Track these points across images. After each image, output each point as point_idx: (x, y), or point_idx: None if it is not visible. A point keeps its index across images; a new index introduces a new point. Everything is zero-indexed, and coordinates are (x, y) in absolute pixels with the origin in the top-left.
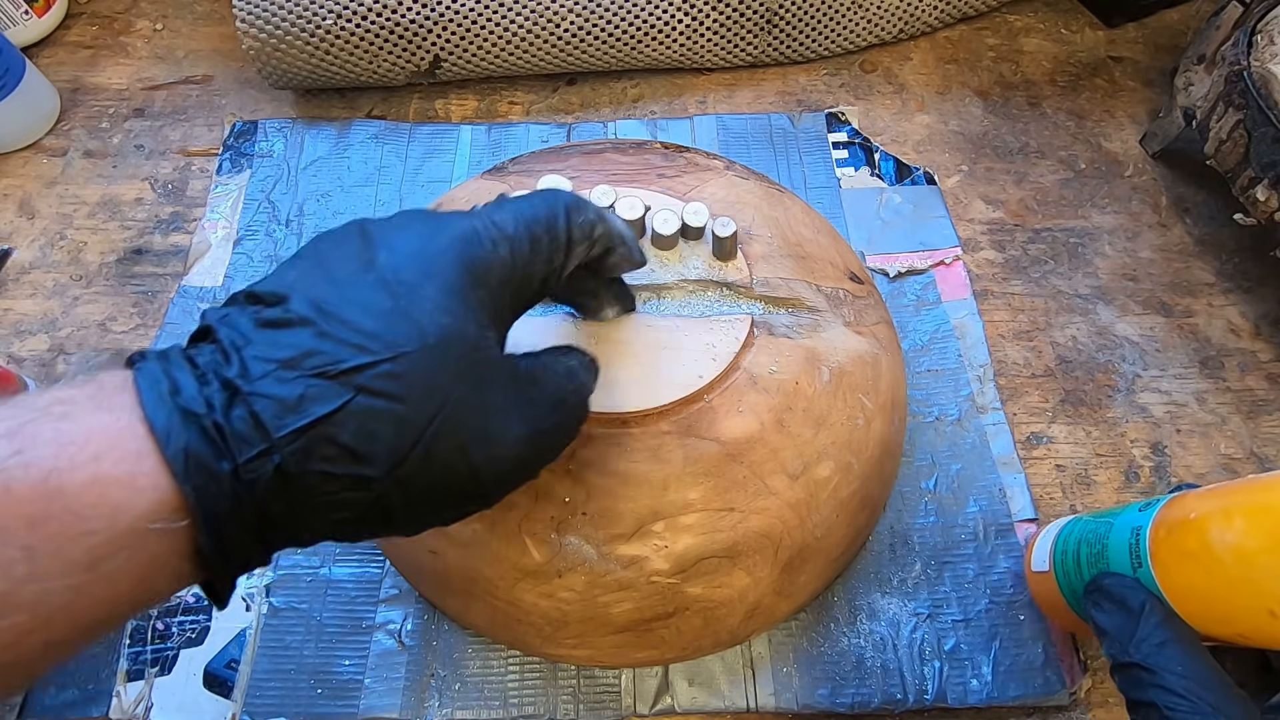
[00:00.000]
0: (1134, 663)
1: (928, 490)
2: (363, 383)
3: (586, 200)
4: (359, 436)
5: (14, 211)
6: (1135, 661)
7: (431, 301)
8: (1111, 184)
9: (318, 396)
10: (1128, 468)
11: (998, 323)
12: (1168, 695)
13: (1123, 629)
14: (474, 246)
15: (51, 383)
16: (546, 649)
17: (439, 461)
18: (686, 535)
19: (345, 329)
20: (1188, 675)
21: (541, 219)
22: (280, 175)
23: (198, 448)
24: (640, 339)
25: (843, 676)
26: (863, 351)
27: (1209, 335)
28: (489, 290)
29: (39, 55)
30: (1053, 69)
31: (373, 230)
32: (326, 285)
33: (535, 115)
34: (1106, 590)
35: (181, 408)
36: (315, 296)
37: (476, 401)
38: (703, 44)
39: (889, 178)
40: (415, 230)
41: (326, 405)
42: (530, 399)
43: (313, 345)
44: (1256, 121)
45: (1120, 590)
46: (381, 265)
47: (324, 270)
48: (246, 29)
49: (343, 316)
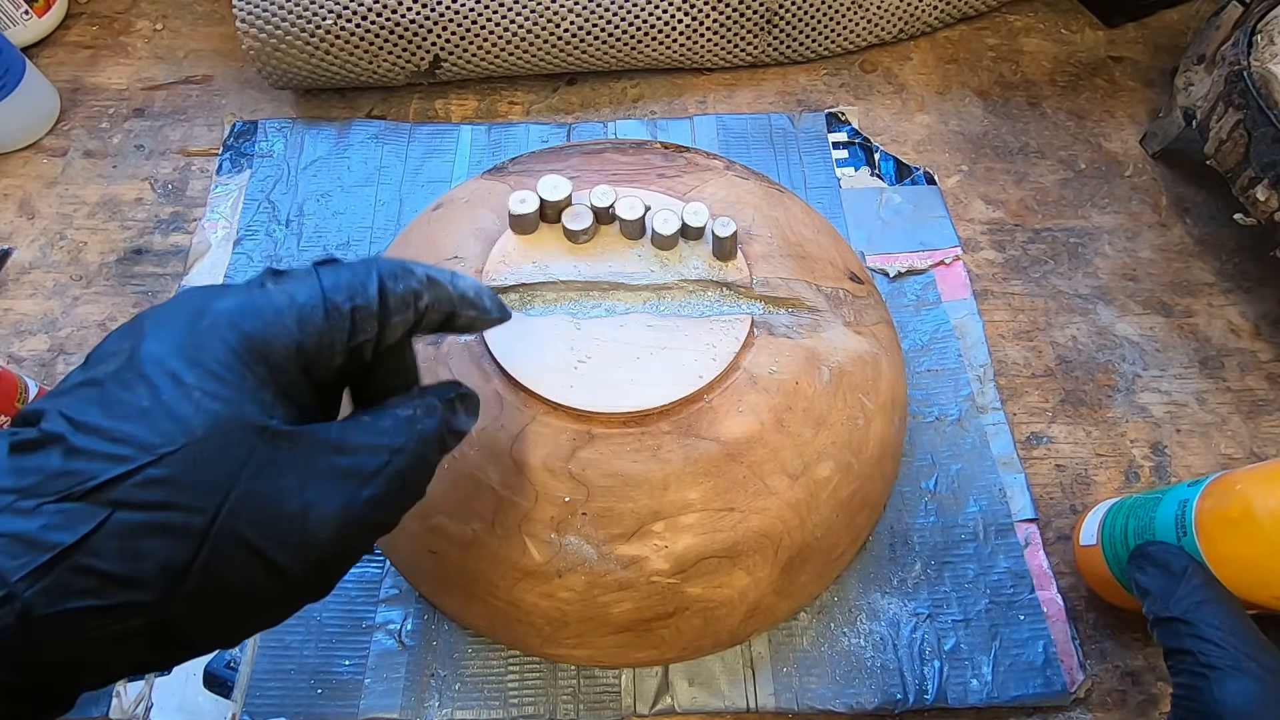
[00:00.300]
0: (1173, 617)
1: (928, 490)
2: (120, 497)
3: (412, 266)
4: (122, 558)
5: (14, 211)
6: (1174, 616)
7: (198, 389)
8: (1111, 184)
9: (63, 524)
10: (1128, 468)
11: (998, 323)
12: (1203, 644)
13: (1164, 589)
14: (250, 320)
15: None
16: (546, 649)
17: (230, 565)
18: (686, 535)
19: (97, 438)
20: (1223, 628)
21: (343, 286)
22: (280, 175)
23: None
24: (640, 339)
25: (843, 676)
26: (863, 351)
27: (1209, 335)
28: (270, 366)
29: (39, 55)
30: (1053, 69)
31: (144, 319)
32: (83, 392)
33: (535, 115)
34: (1150, 555)
35: None
36: (68, 408)
37: (266, 489)
38: (703, 44)
39: (889, 178)
40: (183, 311)
41: (75, 531)
42: (345, 469)
43: (59, 465)
44: (1256, 121)
45: (1164, 555)
46: (141, 358)
47: (85, 374)
48: (246, 29)
49: (94, 424)
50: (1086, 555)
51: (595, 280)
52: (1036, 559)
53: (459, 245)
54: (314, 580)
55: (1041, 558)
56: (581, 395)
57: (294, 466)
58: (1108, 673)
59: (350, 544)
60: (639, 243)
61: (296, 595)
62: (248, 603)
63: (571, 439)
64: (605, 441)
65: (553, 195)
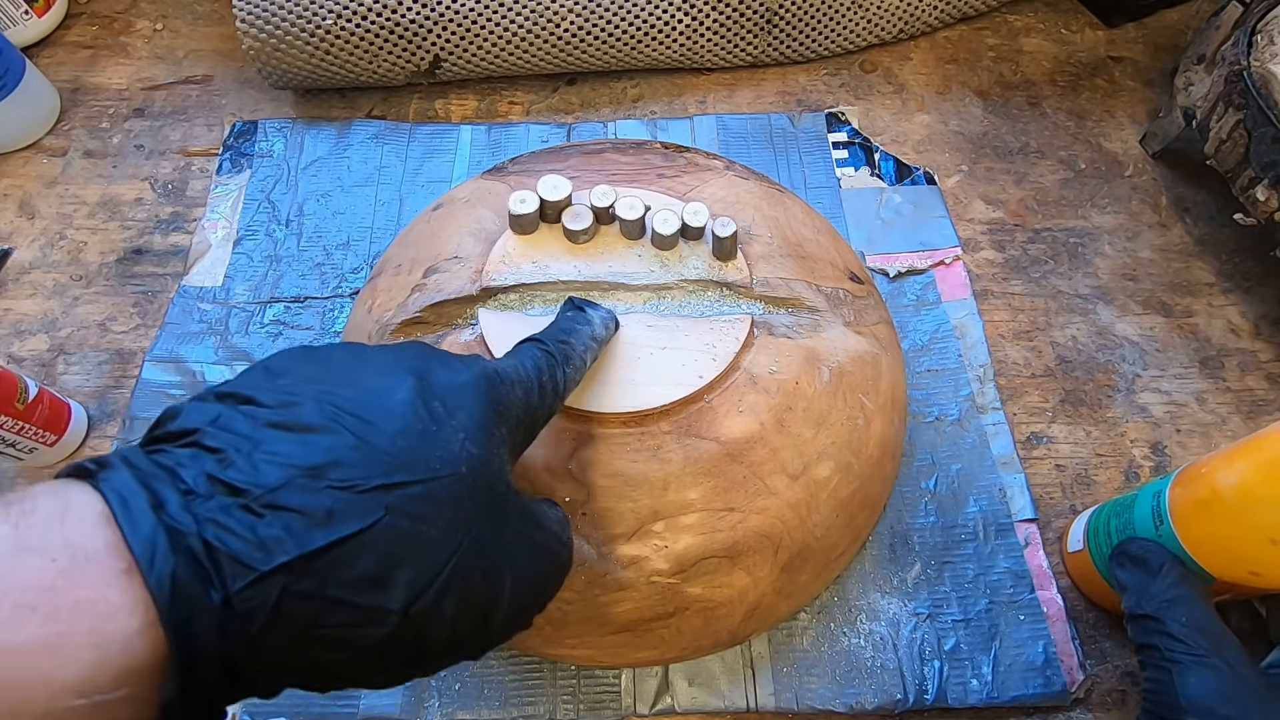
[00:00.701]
0: (1145, 614)
1: (928, 490)
2: (393, 503)
3: (574, 343)
4: (383, 562)
5: (14, 211)
6: (1146, 613)
7: (464, 431)
8: (1111, 184)
9: (347, 512)
10: (1128, 468)
11: (998, 323)
12: (1168, 640)
13: (1141, 585)
14: (499, 386)
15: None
16: (546, 649)
17: (454, 598)
18: (686, 535)
19: (375, 442)
20: (1188, 624)
21: (546, 368)
22: (280, 175)
23: (185, 574)
24: (640, 339)
25: (843, 676)
26: (863, 351)
27: (1209, 335)
28: (509, 428)
29: (39, 55)
30: (1053, 69)
31: (379, 356)
32: (343, 398)
33: (535, 115)
34: (1129, 552)
35: (167, 525)
36: (332, 404)
37: (495, 538)
38: (703, 44)
39: (889, 178)
40: (434, 361)
41: (357, 522)
42: (535, 541)
43: (342, 455)
44: (1256, 121)
45: (1143, 552)
46: (408, 388)
47: (329, 383)
48: (246, 29)
49: (371, 430)
50: (1075, 561)
51: (595, 280)
52: (1036, 559)
53: (459, 245)
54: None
55: (1041, 558)
56: (581, 395)
57: (513, 524)
58: (1108, 673)
59: (529, 608)
60: (639, 243)
61: (474, 645)
62: (448, 639)
63: (571, 439)
64: (605, 441)
65: (553, 195)
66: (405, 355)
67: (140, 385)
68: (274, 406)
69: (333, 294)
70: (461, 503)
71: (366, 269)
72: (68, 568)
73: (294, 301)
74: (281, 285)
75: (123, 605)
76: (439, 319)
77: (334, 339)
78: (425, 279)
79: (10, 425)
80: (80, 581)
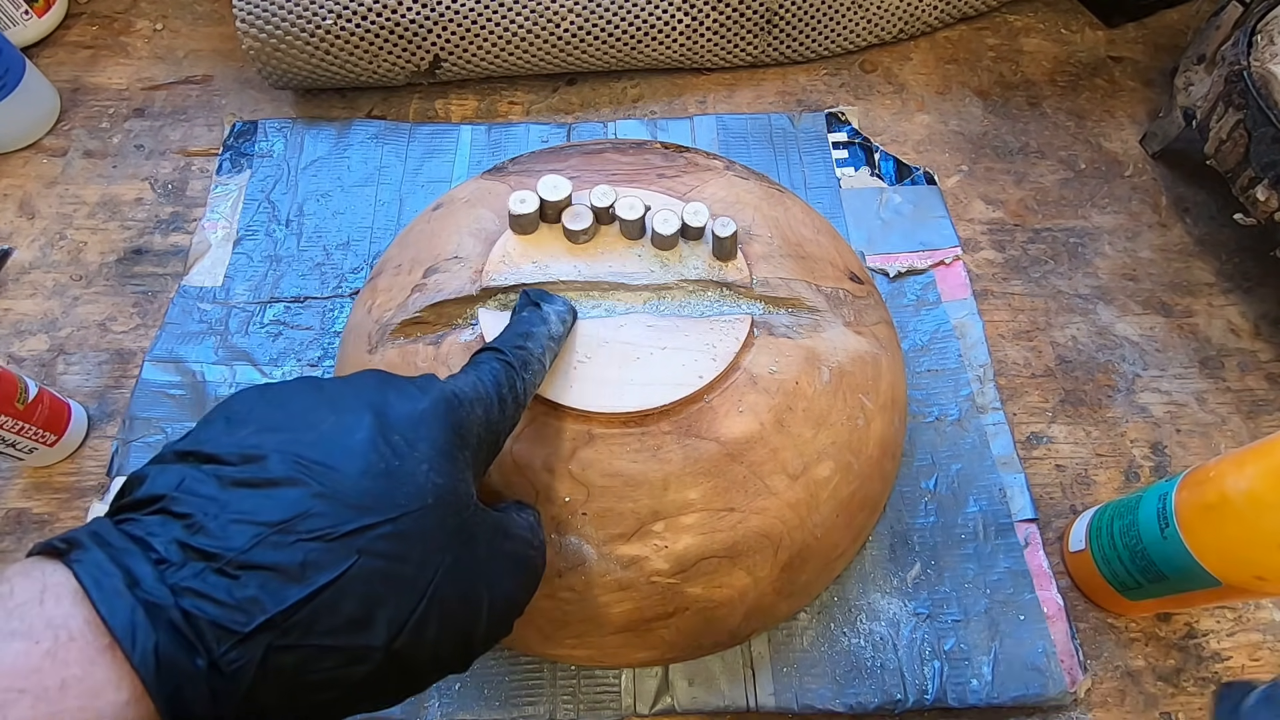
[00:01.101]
0: None
1: (928, 490)
2: (365, 545)
3: (531, 349)
4: (363, 604)
5: (14, 211)
6: None
7: (428, 461)
8: (1111, 184)
9: (321, 562)
10: (1128, 468)
11: (998, 323)
12: None
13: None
14: (459, 408)
15: None
16: (546, 649)
17: (435, 625)
18: (686, 535)
19: (340, 488)
20: None
21: (505, 380)
22: (280, 175)
23: (168, 646)
24: (640, 339)
25: (842, 676)
26: (863, 351)
27: (1209, 335)
28: (472, 450)
29: (39, 55)
30: (1053, 69)
31: (339, 390)
32: (305, 445)
33: (535, 115)
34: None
35: (144, 601)
36: (295, 455)
37: (468, 560)
38: (703, 44)
39: (889, 178)
40: (393, 391)
41: (331, 571)
42: (508, 553)
43: (308, 506)
44: (1256, 121)
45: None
46: (367, 425)
47: (291, 430)
48: (246, 29)
49: (335, 476)
50: (1077, 561)
51: (595, 280)
52: (1036, 559)
53: (459, 245)
54: (476, 650)
55: (1041, 558)
56: (581, 395)
57: (484, 543)
58: (1108, 673)
59: (508, 619)
60: (639, 243)
61: (458, 663)
62: (431, 662)
63: (571, 439)
64: (605, 441)
65: (553, 195)
66: (363, 389)
67: (140, 385)
68: (237, 463)
69: (333, 294)
70: (432, 533)
71: (366, 269)
72: (52, 648)
73: (294, 301)
74: (281, 285)
75: (109, 680)
76: (439, 319)
77: (334, 339)
78: (425, 279)
79: (10, 425)
80: (66, 660)
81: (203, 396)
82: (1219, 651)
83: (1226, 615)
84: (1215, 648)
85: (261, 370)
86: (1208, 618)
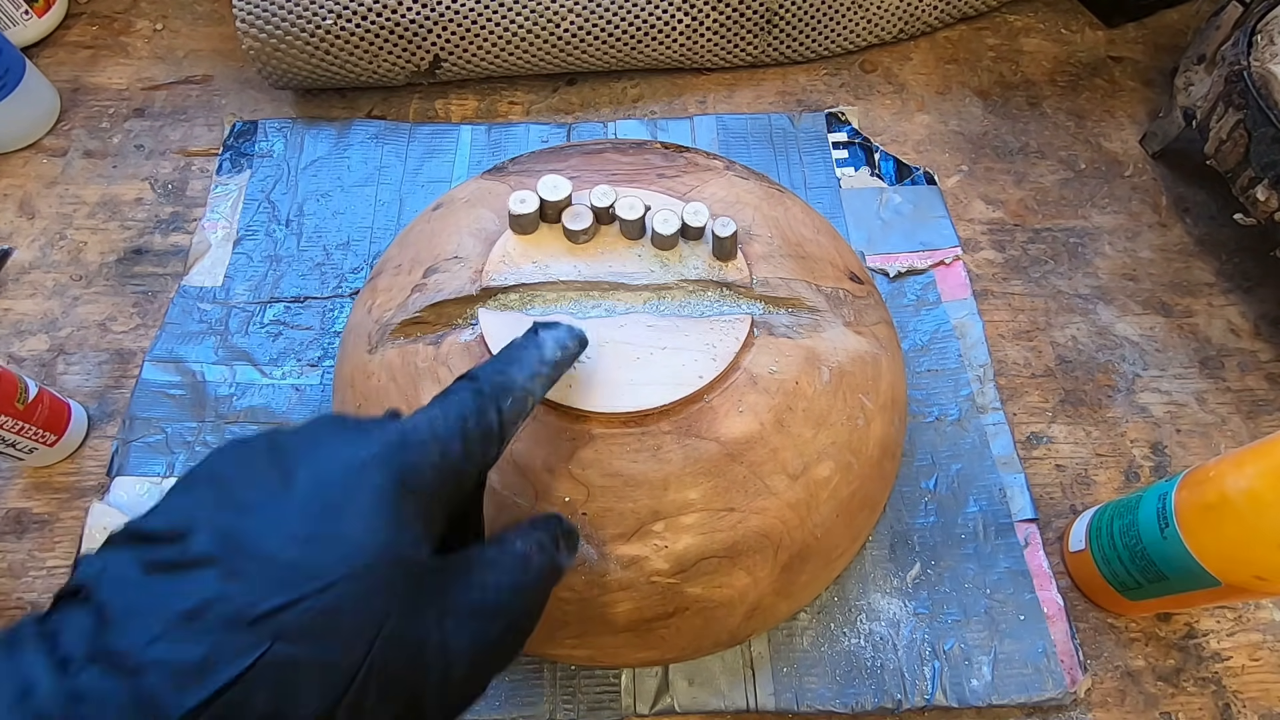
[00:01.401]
0: None
1: (928, 490)
2: (282, 628)
3: (514, 375)
4: (277, 697)
5: (14, 211)
6: None
7: (362, 520)
8: (1111, 184)
9: (224, 655)
10: (1128, 468)
11: (998, 323)
12: None
13: None
14: (403, 453)
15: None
16: (546, 649)
17: (374, 698)
18: (686, 535)
19: (258, 563)
20: None
21: (474, 412)
22: (280, 175)
23: None
24: (640, 339)
25: (843, 676)
26: (863, 351)
27: (1209, 335)
28: (420, 499)
29: (39, 55)
30: (1053, 69)
31: (286, 444)
32: (234, 513)
33: (535, 115)
34: None
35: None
36: (221, 528)
37: (411, 626)
38: (703, 44)
39: (889, 178)
40: (337, 440)
41: (237, 665)
42: (476, 607)
43: (219, 590)
44: (1256, 121)
45: None
46: (300, 483)
47: (229, 496)
48: (246, 29)
49: (255, 548)
50: (1077, 561)
51: (595, 280)
52: (1036, 559)
53: (459, 245)
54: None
55: (1041, 558)
56: (581, 395)
57: (434, 602)
58: (1108, 673)
59: (479, 678)
60: (639, 243)
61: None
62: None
63: (571, 439)
64: (605, 441)
65: (553, 195)
66: (308, 440)
67: (140, 385)
68: (167, 540)
69: (333, 294)
70: (367, 598)
71: (366, 269)
72: None
73: (294, 301)
74: (281, 285)
75: None
76: (439, 319)
77: (334, 339)
78: (425, 279)
79: (10, 425)
80: None
81: (203, 396)
82: (1219, 651)
83: (1226, 615)
84: (1215, 648)
85: (261, 370)
86: (1208, 618)
